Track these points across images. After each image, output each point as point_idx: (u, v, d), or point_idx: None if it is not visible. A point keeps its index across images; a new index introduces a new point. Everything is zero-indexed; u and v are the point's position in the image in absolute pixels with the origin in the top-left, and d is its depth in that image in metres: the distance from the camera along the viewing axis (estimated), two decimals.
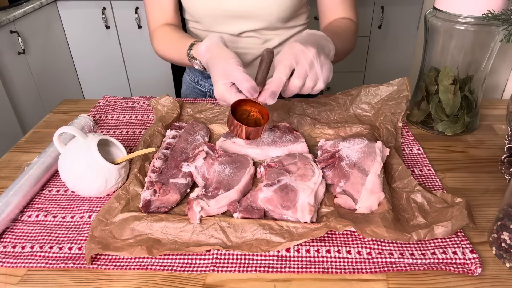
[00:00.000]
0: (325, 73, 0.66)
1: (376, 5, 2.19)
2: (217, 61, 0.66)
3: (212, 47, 0.70)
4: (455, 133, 0.79)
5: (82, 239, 0.59)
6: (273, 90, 0.63)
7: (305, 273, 0.52)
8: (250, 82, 0.62)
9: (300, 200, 0.59)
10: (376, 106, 0.83)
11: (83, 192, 0.65)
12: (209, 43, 0.71)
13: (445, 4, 0.72)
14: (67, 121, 0.89)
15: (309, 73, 0.64)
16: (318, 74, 0.65)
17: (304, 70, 0.64)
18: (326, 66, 0.66)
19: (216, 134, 0.81)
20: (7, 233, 0.60)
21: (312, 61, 0.64)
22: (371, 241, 0.56)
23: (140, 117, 0.90)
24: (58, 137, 0.65)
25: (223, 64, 0.65)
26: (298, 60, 0.64)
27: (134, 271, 0.54)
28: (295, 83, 0.64)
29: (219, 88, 0.64)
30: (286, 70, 0.63)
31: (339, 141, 0.70)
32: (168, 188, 0.62)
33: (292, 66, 0.64)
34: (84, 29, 2.33)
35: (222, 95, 0.64)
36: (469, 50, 0.75)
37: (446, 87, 0.76)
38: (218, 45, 0.69)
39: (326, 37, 0.71)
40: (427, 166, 0.71)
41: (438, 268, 0.51)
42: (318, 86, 0.66)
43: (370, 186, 0.61)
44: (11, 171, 0.74)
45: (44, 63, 2.20)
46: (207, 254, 0.55)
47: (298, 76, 0.64)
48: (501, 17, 0.65)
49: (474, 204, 0.62)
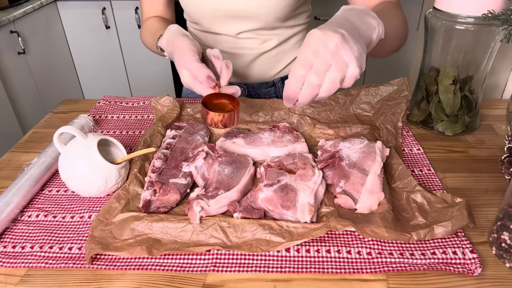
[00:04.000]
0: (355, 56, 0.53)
1: None
2: (176, 53, 0.68)
3: (171, 39, 0.71)
4: (455, 133, 0.79)
5: (82, 239, 0.59)
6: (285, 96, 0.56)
7: (305, 273, 0.52)
8: (203, 72, 0.63)
9: (300, 200, 0.59)
10: (376, 106, 0.83)
11: (83, 192, 0.65)
12: (168, 36, 0.72)
13: (445, 4, 0.72)
14: (67, 121, 0.89)
15: (333, 63, 0.53)
16: (349, 59, 0.53)
17: (323, 64, 0.53)
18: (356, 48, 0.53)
19: (216, 134, 0.81)
20: (7, 233, 0.60)
21: (336, 50, 0.52)
22: (371, 241, 0.56)
23: (140, 117, 0.90)
24: (58, 137, 0.65)
25: (181, 55, 0.66)
26: (318, 52, 0.53)
27: (134, 271, 0.54)
28: (311, 80, 0.54)
29: (184, 78, 0.67)
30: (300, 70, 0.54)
31: (339, 141, 0.70)
32: (168, 188, 0.62)
33: (309, 61, 0.53)
34: (84, 29, 2.33)
35: (187, 84, 0.67)
36: (469, 50, 0.75)
37: (446, 87, 0.76)
38: (176, 37, 0.70)
39: (368, 11, 0.59)
40: (427, 166, 0.71)
41: (438, 268, 0.51)
42: (351, 72, 0.53)
43: (370, 186, 0.61)
44: (11, 171, 0.74)
45: (44, 63, 2.20)
46: (207, 254, 0.55)
47: (315, 71, 0.53)
48: (501, 17, 0.65)
49: (474, 204, 0.62)
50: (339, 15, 0.58)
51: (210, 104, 0.67)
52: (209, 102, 0.67)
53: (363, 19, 0.58)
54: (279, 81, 0.99)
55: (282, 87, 0.99)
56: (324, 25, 0.55)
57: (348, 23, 0.56)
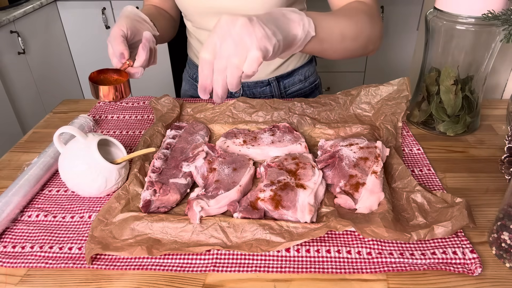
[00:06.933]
0: (258, 38, 0.52)
1: None
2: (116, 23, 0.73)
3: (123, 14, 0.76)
4: (457, 133, 0.79)
5: (82, 239, 0.59)
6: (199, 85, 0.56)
7: (305, 273, 0.52)
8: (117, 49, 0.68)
9: (300, 200, 0.59)
10: (376, 106, 0.83)
11: (83, 192, 0.65)
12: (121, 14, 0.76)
13: (446, 4, 0.72)
14: (67, 121, 0.89)
15: (235, 47, 0.52)
16: (250, 42, 0.51)
17: (226, 48, 0.52)
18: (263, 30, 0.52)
19: (216, 134, 0.81)
20: (7, 233, 0.60)
21: (239, 33, 0.51)
22: (371, 241, 0.56)
23: (140, 117, 0.90)
24: (58, 137, 0.65)
25: (112, 31, 0.72)
26: (223, 36, 0.52)
27: (134, 271, 0.54)
28: (218, 66, 0.53)
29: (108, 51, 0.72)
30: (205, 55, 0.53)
31: (339, 141, 0.70)
32: (168, 188, 0.62)
33: (214, 45, 0.53)
34: (84, 29, 2.33)
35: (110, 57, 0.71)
36: (469, 51, 0.75)
37: (448, 88, 0.76)
38: (121, 16, 0.75)
39: (294, 9, 0.61)
40: (427, 166, 0.71)
41: (438, 268, 0.51)
42: (251, 55, 0.52)
43: (370, 186, 0.61)
44: (11, 171, 0.74)
45: (44, 63, 2.20)
46: (207, 254, 0.55)
47: (220, 56, 0.53)
48: (502, 17, 0.65)
49: (474, 204, 0.62)
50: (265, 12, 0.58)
51: (99, 79, 0.71)
52: (97, 78, 0.71)
53: (285, 14, 0.58)
54: (274, 80, 0.98)
55: (277, 86, 0.99)
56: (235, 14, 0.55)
57: (267, 14, 0.56)
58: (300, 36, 0.59)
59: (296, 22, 0.59)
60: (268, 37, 0.53)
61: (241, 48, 0.52)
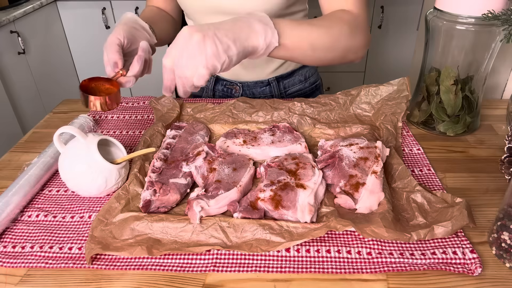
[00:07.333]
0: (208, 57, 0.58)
1: (376, 5, 2.19)
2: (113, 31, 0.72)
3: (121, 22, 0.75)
4: (457, 133, 0.79)
5: (82, 239, 0.59)
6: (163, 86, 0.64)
7: (305, 273, 0.52)
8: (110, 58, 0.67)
9: (300, 200, 0.59)
10: (376, 106, 0.83)
11: (83, 192, 0.65)
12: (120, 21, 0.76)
13: (446, 4, 0.72)
14: (67, 121, 0.89)
15: (188, 62, 0.58)
16: (200, 60, 0.58)
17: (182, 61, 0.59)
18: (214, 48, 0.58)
19: (216, 134, 0.81)
20: (7, 233, 0.60)
21: (193, 49, 0.58)
22: (371, 241, 0.56)
23: (140, 117, 0.90)
24: (58, 137, 0.65)
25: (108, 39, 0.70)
26: (181, 49, 0.59)
27: (134, 271, 0.54)
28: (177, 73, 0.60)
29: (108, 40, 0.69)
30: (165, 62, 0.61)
31: (339, 141, 0.70)
32: (168, 188, 0.62)
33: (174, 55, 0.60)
34: (84, 29, 2.33)
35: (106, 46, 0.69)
36: (469, 51, 0.75)
37: (448, 88, 0.76)
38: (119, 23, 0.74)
39: (263, 18, 0.63)
40: (427, 166, 0.71)
41: (438, 268, 0.51)
42: (199, 72, 0.59)
43: (370, 186, 0.61)
44: (11, 171, 0.74)
45: (44, 63, 2.20)
46: (207, 254, 0.55)
47: (176, 66, 0.60)
48: (502, 17, 0.65)
49: (474, 204, 0.62)
50: (229, 19, 0.63)
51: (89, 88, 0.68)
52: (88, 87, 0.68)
53: (250, 25, 0.62)
54: (274, 80, 0.98)
55: (277, 86, 0.99)
56: (202, 24, 0.60)
57: (231, 24, 0.61)
58: (261, 47, 0.64)
59: (258, 33, 0.62)
60: (218, 55, 0.59)
61: (192, 63, 0.59)
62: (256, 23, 0.62)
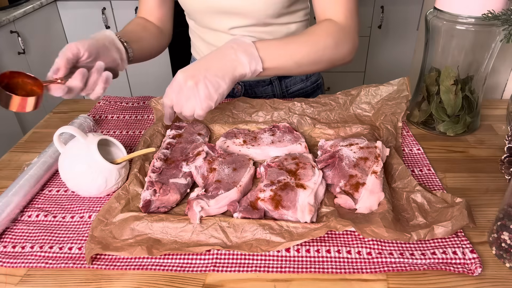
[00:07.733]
0: (201, 100, 0.66)
1: (376, 5, 2.19)
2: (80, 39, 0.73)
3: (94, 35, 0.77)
4: (457, 133, 0.79)
5: (82, 239, 0.59)
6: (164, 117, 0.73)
7: (305, 273, 0.52)
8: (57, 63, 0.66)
9: (300, 200, 0.59)
10: (376, 106, 0.83)
11: (83, 192, 0.65)
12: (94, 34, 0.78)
13: (446, 4, 0.72)
14: (67, 121, 0.89)
15: (185, 105, 0.67)
16: (195, 103, 0.67)
17: (180, 102, 0.68)
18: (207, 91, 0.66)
19: (216, 134, 0.81)
20: (7, 233, 0.60)
21: (188, 95, 0.66)
22: (371, 241, 0.56)
23: (140, 117, 0.90)
24: (58, 137, 0.65)
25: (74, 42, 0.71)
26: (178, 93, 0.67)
27: (134, 271, 0.54)
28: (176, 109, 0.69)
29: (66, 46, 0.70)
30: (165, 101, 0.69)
31: (339, 141, 0.70)
32: (168, 188, 0.62)
33: (171, 97, 0.68)
34: (84, 29, 2.34)
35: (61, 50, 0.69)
36: (469, 51, 0.75)
37: (448, 88, 0.76)
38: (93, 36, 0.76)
39: (247, 47, 0.70)
40: (427, 166, 0.71)
41: (438, 268, 0.51)
42: (196, 113, 0.68)
43: (370, 186, 0.61)
44: (11, 171, 0.74)
45: (44, 63, 2.20)
46: (207, 254, 0.55)
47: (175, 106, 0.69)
48: (502, 17, 0.65)
49: (474, 204, 0.62)
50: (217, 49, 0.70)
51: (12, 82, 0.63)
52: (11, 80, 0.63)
53: (236, 58, 0.69)
54: (276, 79, 0.98)
55: (279, 85, 0.99)
56: (191, 66, 0.68)
57: (215, 61, 0.69)
58: (248, 74, 0.71)
59: (244, 64, 0.69)
60: (210, 96, 0.67)
61: (189, 105, 0.67)
62: (242, 55, 0.69)
